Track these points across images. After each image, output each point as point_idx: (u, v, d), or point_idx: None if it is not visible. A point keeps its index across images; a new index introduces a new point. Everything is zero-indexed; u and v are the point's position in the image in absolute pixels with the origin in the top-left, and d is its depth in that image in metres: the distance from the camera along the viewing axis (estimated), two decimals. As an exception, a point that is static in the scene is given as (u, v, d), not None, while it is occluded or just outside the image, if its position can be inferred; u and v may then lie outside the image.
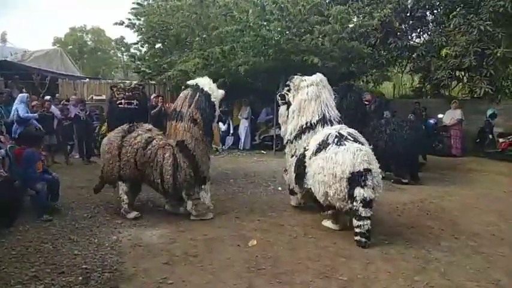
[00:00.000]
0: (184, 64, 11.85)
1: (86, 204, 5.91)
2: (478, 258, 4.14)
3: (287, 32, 10.02)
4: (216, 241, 4.49)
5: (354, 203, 4.23)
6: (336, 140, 4.58)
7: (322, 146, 4.62)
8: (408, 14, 12.41)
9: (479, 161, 10.59)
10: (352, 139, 4.61)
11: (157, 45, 14.82)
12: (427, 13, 12.69)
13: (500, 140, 10.96)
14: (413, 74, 14.89)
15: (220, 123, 11.76)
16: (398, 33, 12.16)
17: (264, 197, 6.60)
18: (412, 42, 12.96)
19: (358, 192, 4.21)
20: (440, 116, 12.32)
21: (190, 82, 5.57)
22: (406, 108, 13.15)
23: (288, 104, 5.67)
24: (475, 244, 4.53)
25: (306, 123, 5.34)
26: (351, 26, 11.15)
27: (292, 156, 5.50)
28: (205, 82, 5.37)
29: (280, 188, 7.03)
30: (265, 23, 10.08)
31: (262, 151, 11.66)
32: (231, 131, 12.56)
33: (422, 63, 11.79)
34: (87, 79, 15.80)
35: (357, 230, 4.31)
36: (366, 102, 8.94)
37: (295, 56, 9.92)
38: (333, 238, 4.64)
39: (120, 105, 6.44)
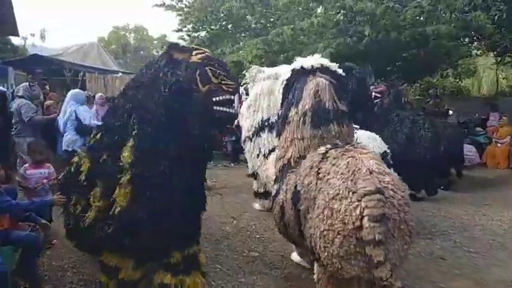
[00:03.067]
0: (237, 54, 9.47)
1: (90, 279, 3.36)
2: None
3: (383, 1, 7.17)
4: None
5: None
6: None
7: None
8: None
9: None
10: None
11: (203, 33, 12.63)
12: None
13: None
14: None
15: None
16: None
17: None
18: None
19: None
20: None
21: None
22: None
23: None
24: None
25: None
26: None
27: (258, 155, 4.74)
28: None
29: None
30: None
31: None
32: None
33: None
34: (120, 73, 13.68)
35: None
36: (377, 95, 6.29)
37: (396, 34, 7.05)
38: None
39: (218, 108, 2.49)
